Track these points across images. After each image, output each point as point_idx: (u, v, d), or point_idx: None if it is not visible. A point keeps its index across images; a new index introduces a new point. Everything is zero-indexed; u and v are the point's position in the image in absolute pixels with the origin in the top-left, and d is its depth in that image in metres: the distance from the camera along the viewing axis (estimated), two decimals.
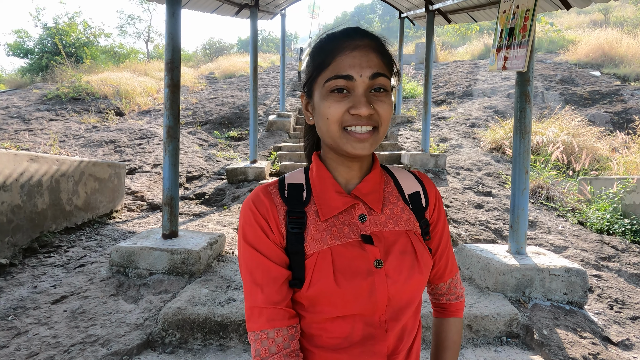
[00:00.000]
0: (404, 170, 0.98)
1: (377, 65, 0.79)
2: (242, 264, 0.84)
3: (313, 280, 0.79)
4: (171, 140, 3.42)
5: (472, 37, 19.41)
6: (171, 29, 3.46)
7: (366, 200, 0.86)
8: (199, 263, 3.14)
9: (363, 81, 0.78)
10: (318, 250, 0.81)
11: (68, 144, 7.50)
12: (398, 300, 0.83)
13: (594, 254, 3.87)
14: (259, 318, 0.79)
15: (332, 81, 0.78)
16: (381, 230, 0.85)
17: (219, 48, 23.77)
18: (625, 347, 2.62)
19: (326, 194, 0.86)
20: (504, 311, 2.67)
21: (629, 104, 8.73)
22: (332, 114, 0.78)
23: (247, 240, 0.83)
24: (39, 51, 14.00)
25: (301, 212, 0.84)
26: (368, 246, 0.82)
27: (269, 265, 0.81)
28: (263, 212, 0.83)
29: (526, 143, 3.20)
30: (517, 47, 3.14)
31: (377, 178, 0.89)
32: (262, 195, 0.86)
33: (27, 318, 2.49)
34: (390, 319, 0.83)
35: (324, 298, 0.79)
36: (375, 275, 0.80)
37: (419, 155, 6.12)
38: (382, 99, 0.79)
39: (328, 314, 0.81)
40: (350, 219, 0.85)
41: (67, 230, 3.92)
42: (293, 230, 0.82)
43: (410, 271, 0.83)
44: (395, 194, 0.91)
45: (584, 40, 13.21)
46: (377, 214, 0.86)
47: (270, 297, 0.79)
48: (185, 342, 2.44)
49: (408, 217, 0.89)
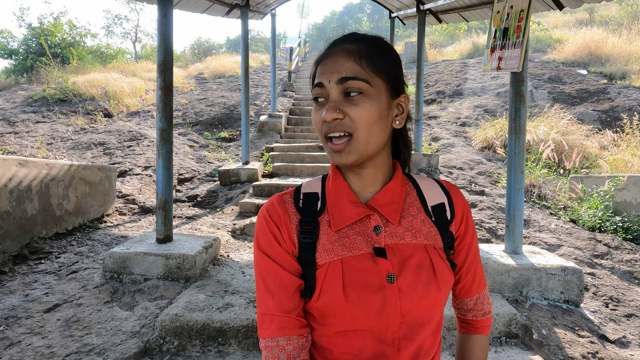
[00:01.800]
0: (430, 180, 0.93)
1: (348, 69, 0.77)
2: (255, 270, 0.84)
3: (322, 292, 0.78)
4: (164, 143, 3.37)
5: (461, 36, 19.55)
6: (163, 30, 3.40)
7: (382, 211, 0.83)
8: (195, 268, 3.10)
9: (332, 87, 0.77)
10: (329, 261, 0.80)
11: (56, 147, 7.37)
12: (413, 318, 0.80)
13: (587, 252, 3.91)
14: (270, 325, 0.79)
15: (313, 90, 0.81)
16: (397, 243, 0.82)
17: (208, 48, 23.58)
18: (622, 344, 2.65)
19: (340, 203, 0.84)
20: (502, 311, 2.68)
21: (616, 102, 8.86)
22: (314, 122, 0.81)
23: (261, 247, 0.83)
24: (23, 52, 13.72)
25: (314, 222, 0.83)
26: (380, 259, 0.79)
27: (280, 272, 0.81)
28: (276, 221, 0.83)
29: (521, 143, 3.21)
30: (511, 47, 3.15)
31: (397, 188, 0.86)
32: (277, 204, 0.86)
33: (19, 328, 2.43)
34: (404, 337, 0.80)
35: (333, 310, 0.78)
36: (387, 290, 0.78)
37: (412, 155, 6.13)
38: (356, 102, 0.76)
39: (337, 327, 0.79)
40: (365, 230, 0.82)
41: (57, 235, 3.84)
42: (305, 240, 0.82)
43: (426, 287, 0.79)
44: (416, 206, 0.87)
45: (571, 39, 13.40)
46: (393, 225, 0.83)
47: (281, 304, 0.79)
48: (183, 350, 2.40)
49: (429, 230, 0.85)
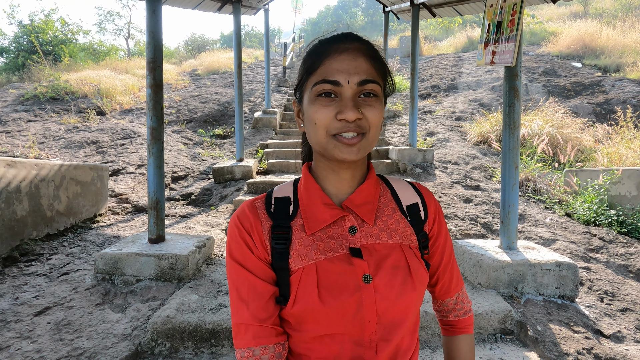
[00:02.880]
0: (402, 181, 0.94)
1: (366, 71, 0.76)
2: (229, 280, 0.82)
3: (297, 298, 0.76)
4: (155, 142, 3.32)
5: (456, 30, 19.48)
6: (152, 26, 3.34)
7: (358, 211, 0.83)
8: (188, 268, 3.07)
9: (351, 87, 0.75)
10: (302, 266, 0.78)
11: (48, 146, 7.29)
12: (389, 318, 0.79)
13: (582, 246, 3.91)
14: (245, 335, 0.77)
15: (319, 85, 0.76)
16: (373, 243, 0.81)
17: (202, 44, 23.40)
18: (617, 339, 2.64)
19: (313, 206, 0.83)
20: (497, 308, 2.67)
21: (610, 95, 8.86)
22: (320, 118, 0.76)
23: (233, 256, 0.81)
24: (14, 50, 13.58)
25: (286, 227, 0.82)
26: (356, 260, 0.78)
27: (254, 281, 0.79)
28: (247, 228, 0.81)
29: (515, 138, 3.19)
30: (505, 41, 3.12)
31: (371, 188, 0.86)
32: (248, 210, 0.84)
33: (8, 332, 2.39)
34: (381, 338, 0.78)
35: (309, 316, 0.76)
36: (363, 290, 0.77)
37: (407, 150, 6.11)
38: (372, 103, 0.77)
39: (314, 332, 0.77)
40: (340, 232, 0.81)
41: (49, 236, 3.79)
42: (277, 245, 0.80)
43: (402, 287, 0.79)
44: (391, 206, 0.88)
45: (565, 32, 13.38)
46: (369, 225, 0.83)
47: (256, 313, 0.77)
48: (175, 352, 2.37)
49: (404, 229, 0.85)
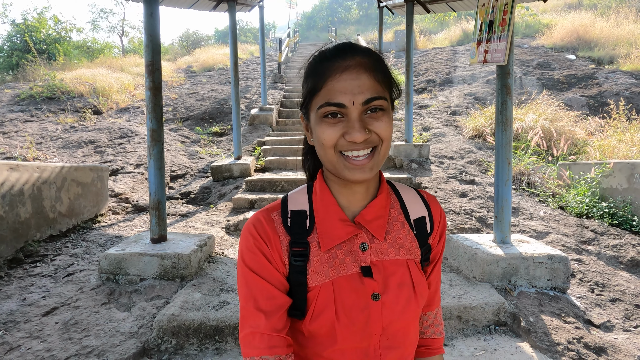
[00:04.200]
0: (411, 190, 0.94)
1: (370, 89, 0.75)
2: (243, 288, 0.81)
3: (315, 314, 0.79)
4: (155, 143, 3.38)
5: (451, 23, 19.49)
6: (150, 29, 3.39)
7: (370, 227, 0.84)
8: (190, 266, 3.14)
9: (356, 107, 0.75)
10: (320, 284, 0.80)
11: (45, 146, 7.32)
12: (393, 331, 0.83)
13: (574, 239, 4.01)
14: (260, 344, 0.77)
15: (324, 108, 0.76)
16: (382, 260, 0.84)
17: (196, 40, 23.32)
18: (607, 328, 2.74)
19: (329, 222, 0.83)
20: (491, 300, 2.76)
21: (604, 87, 8.95)
22: (327, 139, 0.76)
23: (249, 265, 0.81)
24: (8, 49, 13.52)
25: (304, 243, 0.82)
26: (367, 279, 0.81)
27: (273, 292, 0.80)
28: (265, 239, 0.82)
29: (508, 135, 3.27)
30: (497, 40, 3.19)
31: (383, 202, 0.87)
32: (265, 221, 0.83)
33: (18, 332, 2.46)
34: (385, 347, 0.83)
35: (324, 331, 0.80)
36: (372, 307, 0.81)
37: (403, 146, 6.18)
38: (379, 118, 0.76)
39: (326, 346, 0.81)
40: (352, 248, 0.83)
41: (52, 238, 3.86)
42: (296, 263, 0.81)
43: (406, 303, 0.83)
44: (400, 220, 0.88)
45: (559, 24, 13.43)
46: (379, 241, 0.84)
47: (274, 324, 0.78)
48: (181, 348, 2.46)
49: (411, 244, 0.87)
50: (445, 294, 2.88)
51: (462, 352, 2.47)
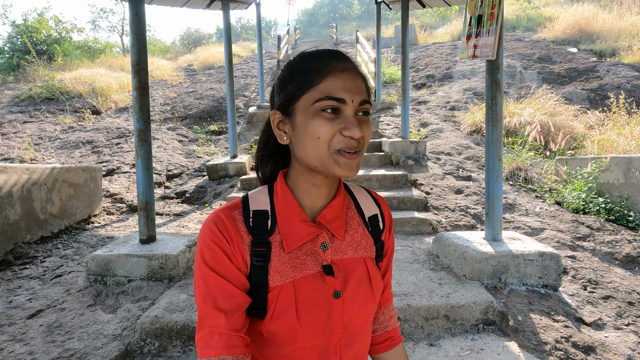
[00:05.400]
0: (362, 190, 0.98)
1: (364, 92, 0.81)
2: (201, 287, 0.80)
3: (275, 315, 0.79)
4: (143, 144, 3.36)
5: (452, 17, 19.33)
6: (136, 29, 3.36)
7: (330, 227, 0.86)
8: (178, 267, 3.13)
9: (354, 106, 0.79)
10: (281, 284, 0.81)
11: (44, 147, 7.34)
12: (352, 328, 0.85)
13: (569, 235, 3.95)
14: (219, 343, 0.76)
15: (324, 101, 0.77)
16: (341, 259, 0.86)
17: (198, 38, 23.31)
18: (598, 326, 2.70)
19: (291, 223, 0.84)
20: (480, 299, 2.72)
21: (605, 80, 8.83)
22: (324, 132, 0.77)
23: (208, 263, 0.80)
24: (8, 50, 13.58)
25: (266, 243, 0.82)
26: (329, 278, 0.83)
27: (233, 291, 0.79)
28: (227, 237, 0.81)
29: (498, 130, 3.22)
30: (485, 35, 3.13)
31: (340, 203, 0.90)
32: (226, 219, 0.82)
33: (1, 335, 2.46)
34: (344, 345, 0.85)
35: (284, 332, 0.80)
36: (333, 305, 0.82)
37: (399, 142, 6.14)
38: (367, 122, 0.81)
39: (286, 345, 0.81)
40: (313, 248, 0.85)
41: (43, 239, 3.86)
42: (258, 263, 0.81)
43: (364, 300, 0.86)
44: (356, 219, 0.92)
45: (561, 16, 13.27)
46: (338, 240, 0.87)
47: (233, 323, 0.78)
48: (164, 350, 2.44)
49: (367, 242, 0.91)
50: (433, 292, 2.84)
51: (448, 352, 2.44)
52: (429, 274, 3.20)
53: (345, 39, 20.68)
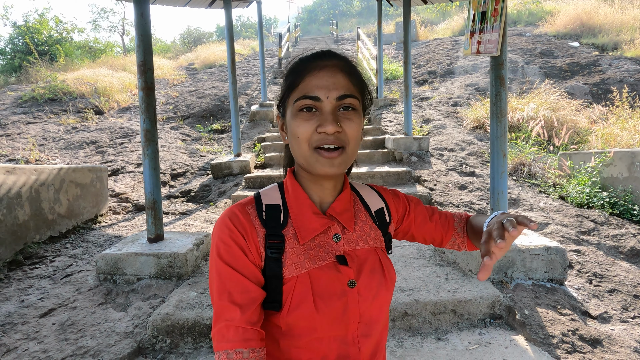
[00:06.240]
0: (366, 187, 1.02)
1: (344, 86, 0.81)
2: (216, 282, 0.81)
3: (292, 306, 0.81)
4: (149, 143, 3.39)
5: (453, 13, 19.29)
6: (141, 30, 3.38)
7: (341, 219, 0.89)
8: (186, 265, 3.16)
9: (330, 102, 0.80)
10: (296, 275, 0.82)
11: (48, 147, 7.38)
12: (368, 317, 0.87)
13: (574, 229, 3.97)
14: (235, 336, 0.77)
15: (301, 101, 0.81)
16: (354, 249, 0.89)
17: (198, 37, 23.29)
18: (604, 320, 2.72)
19: (304, 215, 0.87)
20: (486, 294, 2.75)
21: (607, 74, 8.82)
22: (301, 132, 0.80)
23: (223, 258, 0.81)
24: (10, 51, 13.60)
25: (280, 236, 0.85)
26: (343, 267, 0.85)
27: (248, 285, 0.81)
28: (242, 231, 0.83)
29: (503, 126, 3.23)
30: (489, 31, 3.14)
31: (348, 197, 0.93)
32: (240, 214, 0.85)
33: (15, 334, 2.50)
34: (362, 335, 0.87)
35: (303, 322, 0.81)
36: (349, 295, 0.84)
37: (402, 139, 6.15)
38: (350, 117, 0.81)
39: (305, 336, 0.83)
40: (326, 239, 0.87)
41: (51, 239, 3.89)
42: (272, 255, 0.83)
43: (378, 289, 0.88)
44: (363, 212, 0.95)
45: (563, 10, 13.23)
46: (349, 232, 0.90)
47: (249, 317, 0.79)
48: (176, 347, 2.48)
49: (376, 234, 0.94)
50: (440, 287, 2.87)
51: (456, 346, 2.47)
52: (435, 269, 3.22)
53: (346, 36, 20.66)
